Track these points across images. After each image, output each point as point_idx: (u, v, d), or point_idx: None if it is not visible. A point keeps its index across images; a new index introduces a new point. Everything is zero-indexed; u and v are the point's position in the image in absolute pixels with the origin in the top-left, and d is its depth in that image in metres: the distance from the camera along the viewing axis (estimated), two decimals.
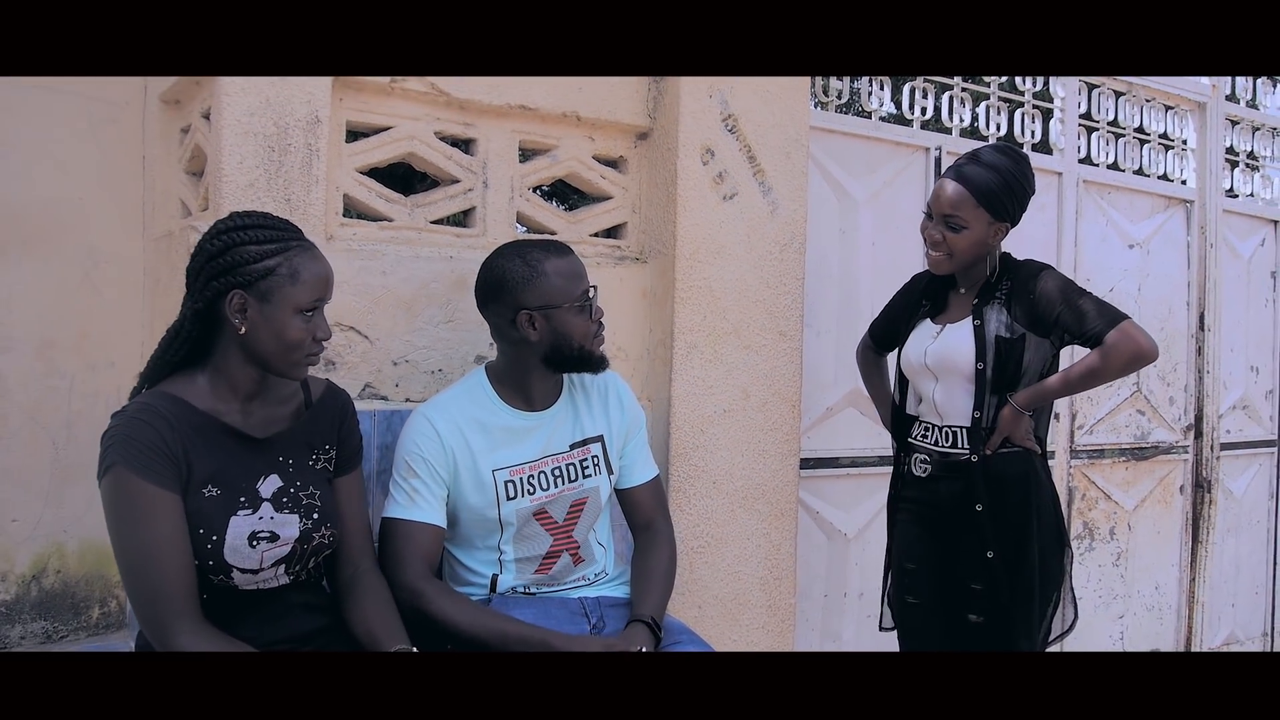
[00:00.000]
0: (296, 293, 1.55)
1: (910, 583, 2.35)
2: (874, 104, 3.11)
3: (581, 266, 1.93)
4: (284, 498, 1.61)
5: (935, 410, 2.29)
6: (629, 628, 1.88)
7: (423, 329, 2.19)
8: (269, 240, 1.55)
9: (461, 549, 1.97)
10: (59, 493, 2.35)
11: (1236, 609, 4.14)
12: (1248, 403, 4.12)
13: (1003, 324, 2.19)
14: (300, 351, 1.58)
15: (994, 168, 2.17)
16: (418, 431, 1.88)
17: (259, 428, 1.62)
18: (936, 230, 2.20)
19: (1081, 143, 3.55)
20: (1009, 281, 2.23)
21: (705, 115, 2.45)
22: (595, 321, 1.93)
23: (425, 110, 2.24)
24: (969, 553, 2.21)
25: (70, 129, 2.37)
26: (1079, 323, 2.13)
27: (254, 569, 1.56)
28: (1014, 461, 2.22)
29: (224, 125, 1.94)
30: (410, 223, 2.25)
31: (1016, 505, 2.20)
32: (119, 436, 1.47)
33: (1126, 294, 3.63)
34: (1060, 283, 2.19)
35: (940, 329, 2.29)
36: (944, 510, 2.26)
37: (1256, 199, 4.17)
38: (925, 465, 2.30)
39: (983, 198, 2.15)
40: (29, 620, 2.36)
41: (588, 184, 2.51)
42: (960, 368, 2.21)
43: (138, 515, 1.45)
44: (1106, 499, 3.64)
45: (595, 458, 2.00)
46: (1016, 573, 2.18)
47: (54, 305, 2.35)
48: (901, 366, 2.38)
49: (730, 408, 2.50)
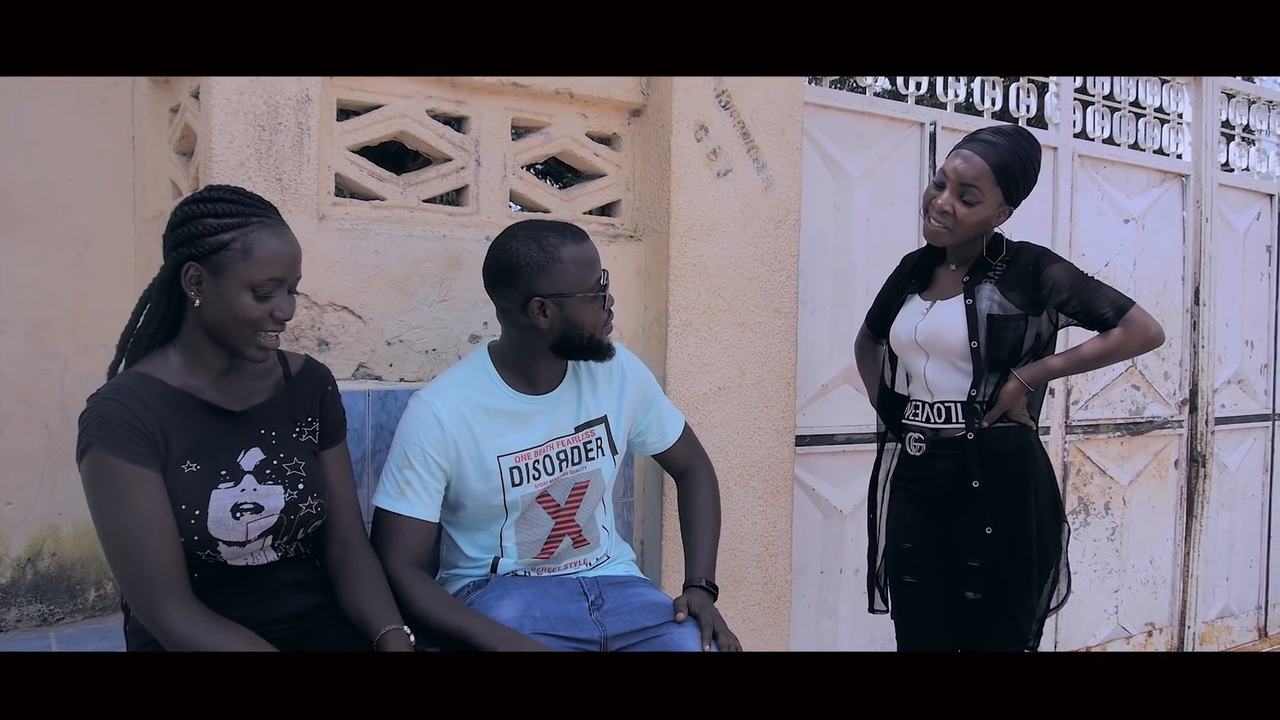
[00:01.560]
0: (248, 269, 1.52)
1: (907, 562, 2.33)
2: (868, 79, 3.09)
3: (596, 252, 1.87)
4: (267, 469, 1.60)
5: (926, 387, 2.27)
6: (687, 592, 1.95)
7: (416, 308, 2.18)
8: (228, 215, 1.53)
9: (463, 533, 1.95)
10: (53, 475, 2.35)
11: (1231, 583, 4.16)
12: (1242, 377, 4.13)
13: (995, 302, 2.18)
14: (252, 329, 1.54)
15: (1016, 151, 2.15)
16: (419, 420, 1.84)
17: (236, 401, 1.61)
18: (948, 202, 2.16)
19: (1077, 117, 3.54)
20: (1005, 262, 2.21)
21: (698, 92, 2.43)
22: (607, 310, 1.89)
23: (417, 88, 2.23)
24: (966, 530, 2.21)
25: (59, 109, 2.35)
26: (1090, 308, 2.17)
27: (240, 541, 1.55)
28: (1010, 436, 2.21)
29: (213, 104, 1.92)
30: (403, 201, 2.24)
31: (1014, 480, 2.20)
32: (94, 419, 1.47)
33: (1122, 269, 3.63)
34: (1068, 268, 2.20)
35: (930, 305, 2.27)
36: (940, 488, 2.26)
37: (1252, 173, 4.16)
38: (920, 444, 2.28)
39: (1002, 177, 2.14)
40: (25, 604, 2.36)
41: (581, 161, 2.50)
42: (952, 346, 2.20)
43: (118, 495, 1.45)
44: (1101, 474, 3.65)
45: (599, 439, 1.99)
46: (1015, 548, 2.17)
47: (45, 287, 2.34)
48: (891, 344, 2.37)
49: (725, 385, 2.50)
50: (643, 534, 2.49)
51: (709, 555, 2.05)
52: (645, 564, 2.47)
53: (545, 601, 1.87)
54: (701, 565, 2.02)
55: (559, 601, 1.89)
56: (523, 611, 1.81)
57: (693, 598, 1.91)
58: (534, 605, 1.84)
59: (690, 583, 1.99)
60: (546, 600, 1.87)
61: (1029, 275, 2.18)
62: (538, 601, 1.86)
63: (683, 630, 1.84)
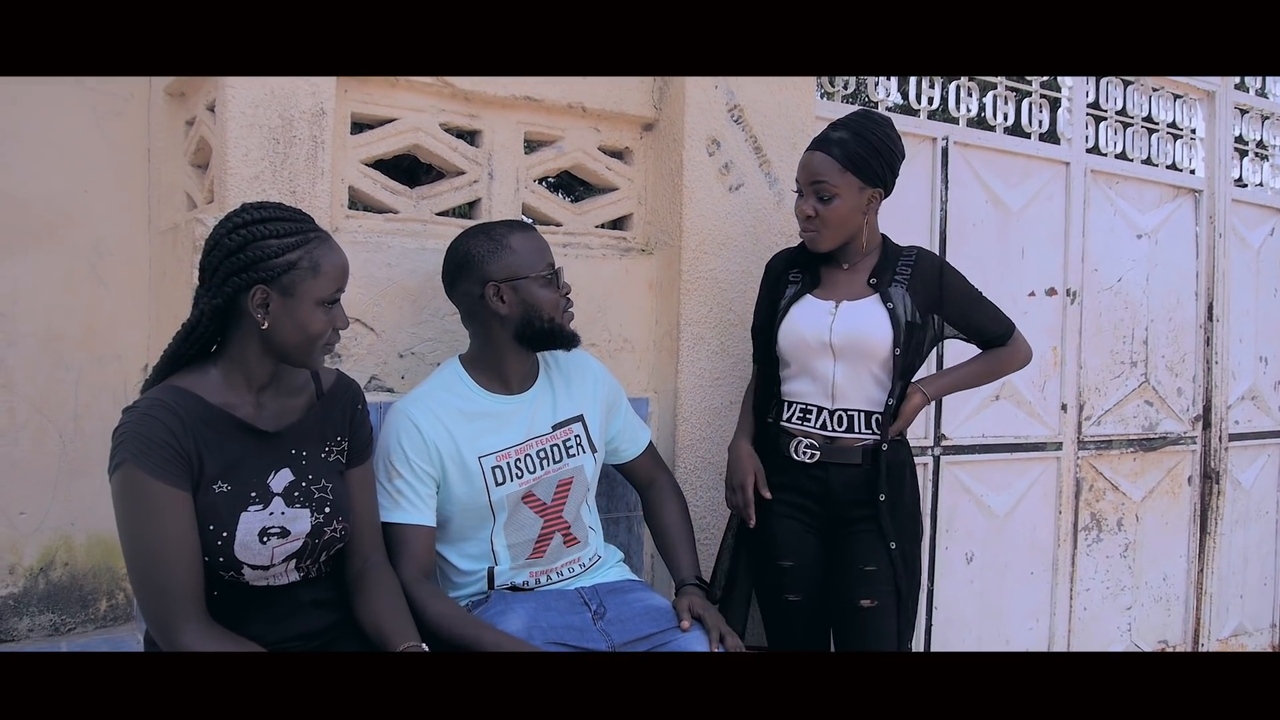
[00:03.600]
0: (319, 285, 1.54)
1: (789, 580, 2.18)
2: (880, 94, 3.09)
3: (545, 243, 1.95)
4: (295, 492, 1.60)
5: (828, 392, 2.14)
6: (681, 592, 1.99)
7: (429, 321, 2.19)
8: (289, 233, 1.53)
9: (452, 548, 1.96)
10: (66, 486, 2.36)
11: (1245, 600, 4.12)
12: (1256, 393, 4.10)
13: (907, 308, 2.12)
14: (321, 342, 1.58)
15: (857, 131, 2.10)
16: (398, 429, 1.87)
17: (271, 421, 1.61)
18: (809, 205, 2.11)
19: (1089, 132, 3.53)
20: (908, 266, 2.17)
21: (711, 106, 2.44)
22: (563, 296, 1.95)
23: (430, 102, 2.24)
24: (865, 543, 2.12)
25: (75, 122, 2.37)
26: (979, 325, 2.21)
27: (264, 565, 1.55)
28: (902, 449, 2.20)
29: (229, 118, 1.93)
30: (416, 214, 2.25)
31: (910, 494, 2.18)
32: (129, 433, 1.46)
33: (1135, 284, 3.62)
34: (965, 281, 2.21)
35: (834, 305, 2.15)
36: (835, 500, 2.15)
37: (1266, 188, 4.14)
38: (813, 452, 2.16)
39: (848, 161, 2.08)
40: (37, 613, 2.36)
41: (593, 175, 2.50)
42: (873, 350, 2.11)
43: (147, 513, 1.45)
44: (1114, 490, 3.62)
45: (578, 437, 2.02)
46: (911, 562, 2.15)
47: (60, 298, 2.35)
48: (784, 346, 2.19)
49: (737, 399, 2.50)
50: (653, 548, 2.48)
51: (692, 554, 2.11)
52: (655, 576, 2.46)
53: (549, 614, 1.88)
54: (688, 565, 2.08)
55: (562, 613, 1.89)
56: (530, 624, 1.82)
57: (692, 601, 1.94)
58: (539, 617, 1.85)
59: (683, 582, 2.03)
60: (550, 612, 1.88)
61: (933, 282, 2.16)
62: (542, 614, 1.86)
63: (690, 636, 1.87)
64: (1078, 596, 3.54)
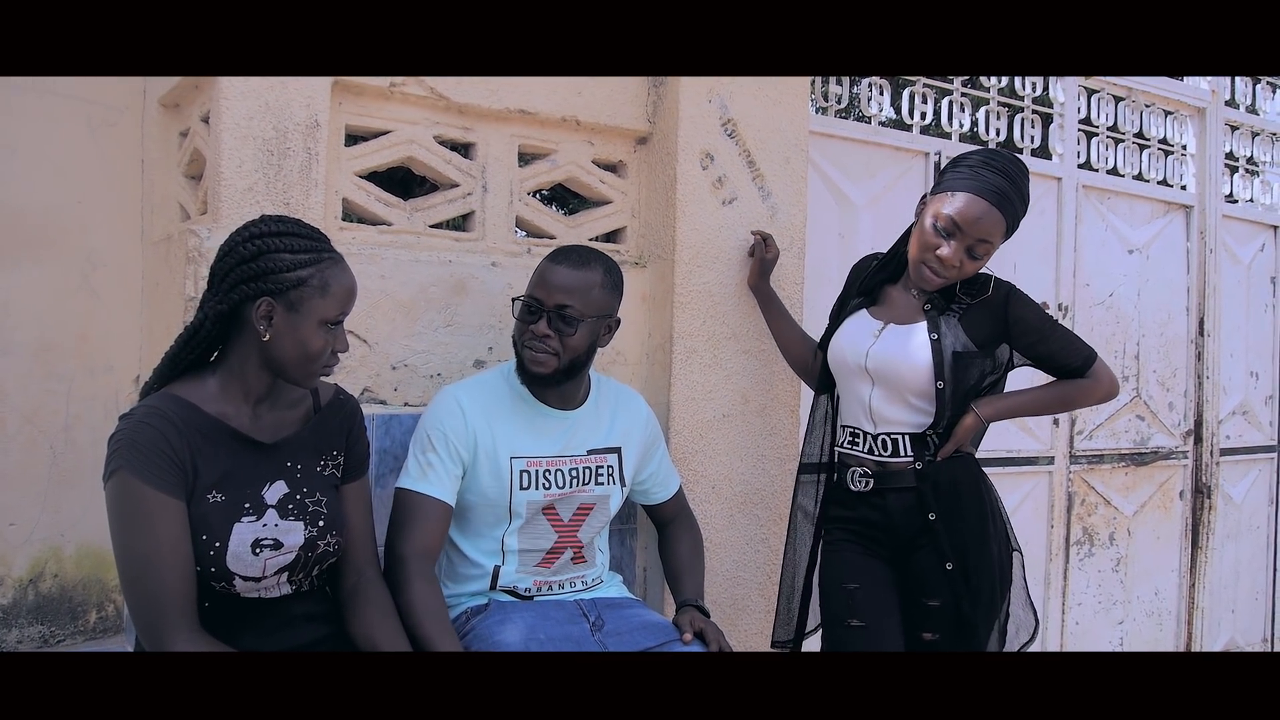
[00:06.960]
0: (325, 305, 1.55)
1: (853, 605, 2.09)
2: (873, 108, 3.10)
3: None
4: (289, 504, 1.60)
5: (868, 416, 2.11)
6: (681, 610, 2.01)
7: (421, 333, 2.19)
8: (303, 250, 1.54)
9: (466, 537, 1.97)
10: (56, 497, 2.35)
11: (1236, 615, 4.13)
12: (1247, 408, 4.12)
13: (959, 340, 2.05)
14: (318, 363, 1.58)
15: (1023, 195, 2.02)
16: (444, 408, 1.91)
17: (267, 432, 1.61)
18: (955, 255, 1.99)
19: (1081, 148, 3.55)
20: (968, 296, 2.08)
21: (705, 119, 2.44)
22: (539, 337, 1.93)
23: (424, 114, 2.24)
24: (924, 567, 2.06)
25: (69, 132, 2.37)
26: (1056, 356, 2.11)
27: (256, 576, 1.55)
28: (962, 467, 2.11)
29: (223, 129, 1.94)
30: (409, 227, 2.25)
31: (972, 512, 2.09)
32: (125, 440, 1.46)
33: (1126, 299, 3.63)
34: (1036, 311, 2.11)
35: (881, 327, 2.11)
36: (893, 525, 2.10)
37: (1256, 204, 4.17)
38: (867, 479, 2.12)
39: (1012, 227, 2.02)
40: (26, 624, 2.35)
41: (587, 188, 2.51)
42: (909, 381, 2.05)
43: (140, 521, 1.44)
44: (1106, 504, 3.63)
45: (610, 468, 2.04)
46: (976, 582, 2.05)
47: (52, 309, 2.35)
48: (831, 363, 2.18)
49: (729, 412, 2.50)
50: (645, 561, 2.48)
51: (700, 581, 2.13)
52: (647, 590, 2.46)
53: (547, 624, 1.89)
54: (693, 588, 2.10)
55: (560, 624, 1.90)
56: (527, 635, 1.83)
57: (693, 616, 1.96)
58: (537, 628, 1.86)
59: (685, 602, 2.04)
60: (549, 623, 1.89)
61: (998, 313, 2.08)
62: (540, 625, 1.87)
63: (690, 650, 1.89)
64: (1069, 610, 3.54)
